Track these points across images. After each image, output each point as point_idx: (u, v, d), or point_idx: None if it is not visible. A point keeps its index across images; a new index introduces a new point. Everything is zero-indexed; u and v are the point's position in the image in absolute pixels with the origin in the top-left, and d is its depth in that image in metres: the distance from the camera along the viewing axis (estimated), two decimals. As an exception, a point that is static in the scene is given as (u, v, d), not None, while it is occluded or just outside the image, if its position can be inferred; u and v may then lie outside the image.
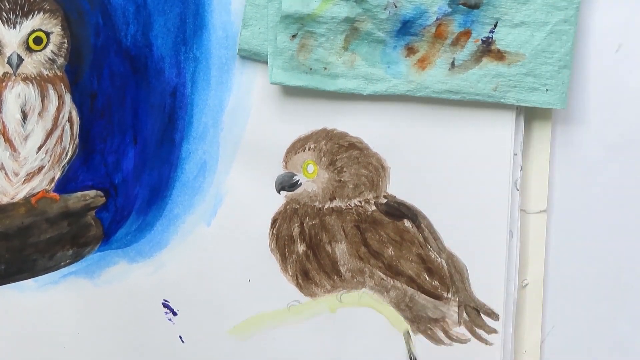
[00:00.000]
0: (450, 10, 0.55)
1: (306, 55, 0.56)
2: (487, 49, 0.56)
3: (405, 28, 0.56)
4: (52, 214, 0.60)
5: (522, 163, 0.59)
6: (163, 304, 0.61)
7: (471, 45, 0.56)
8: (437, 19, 0.55)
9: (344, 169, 0.60)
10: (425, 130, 0.59)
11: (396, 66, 0.57)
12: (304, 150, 0.59)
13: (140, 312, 0.61)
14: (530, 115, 0.59)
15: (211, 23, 0.58)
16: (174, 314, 0.61)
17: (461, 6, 0.55)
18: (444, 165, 0.59)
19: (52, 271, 0.61)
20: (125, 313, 0.61)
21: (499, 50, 0.56)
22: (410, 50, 0.56)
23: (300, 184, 0.60)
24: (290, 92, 0.58)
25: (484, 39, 0.56)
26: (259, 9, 0.57)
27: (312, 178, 0.60)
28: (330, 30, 0.55)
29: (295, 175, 0.60)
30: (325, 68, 0.56)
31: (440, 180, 0.59)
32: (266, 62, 0.57)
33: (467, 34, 0.56)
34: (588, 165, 0.60)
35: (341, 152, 0.59)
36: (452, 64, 0.56)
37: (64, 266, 0.61)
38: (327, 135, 0.59)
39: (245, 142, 0.59)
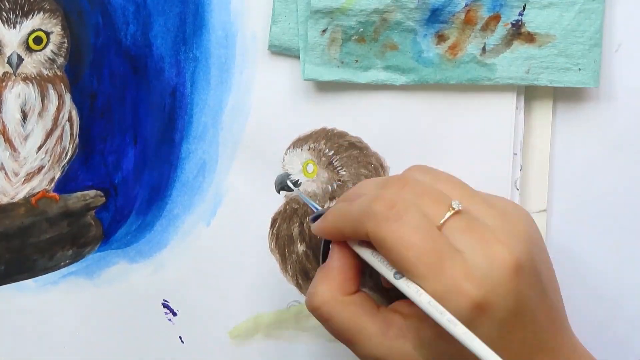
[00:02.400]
0: None
1: (337, 49, 0.56)
2: (518, 31, 0.56)
3: (435, 16, 0.56)
4: (52, 214, 0.60)
5: (522, 163, 0.59)
6: (163, 304, 0.61)
7: (501, 29, 0.56)
8: (466, 5, 0.55)
9: (344, 169, 0.59)
10: (424, 129, 0.59)
11: (427, 55, 0.56)
12: (304, 150, 0.59)
13: (140, 313, 0.61)
14: (530, 116, 0.59)
15: (211, 23, 0.58)
16: (174, 314, 0.61)
17: None
18: (443, 164, 0.58)
19: (52, 271, 0.61)
20: (124, 313, 0.61)
21: (529, 33, 0.56)
22: (441, 37, 0.56)
23: (300, 183, 0.60)
24: (289, 91, 0.58)
25: (514, 22, 0.56)
26: (287, 4, 0.57)
27: (312, 178, 0.60)
28: (360, 23, 0.55)
29: (295, 175, 0.60)
30: (357, 60, 0.56)
31: (440, 180, 0.59)
32: (294, 57, 0.57)
33: (496, 18, 0.56)
34: (588, 165, 0.60)
35: (341, 151, 0.59)
36: (484, 49, 0.56)
37: (64, 266, 0.61)
38: (327, 134, 0.59)
39: (245, 142, 0.59)
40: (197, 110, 0.59)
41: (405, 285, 0.44)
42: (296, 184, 0.60)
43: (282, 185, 0.60)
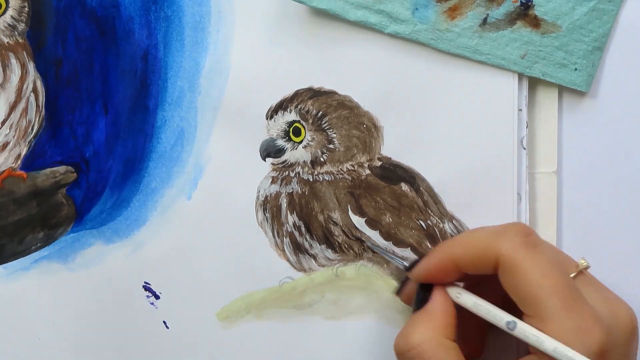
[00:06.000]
0: None
1: None
2: (524, 12, 0.54)
3: None
4: (19, 194, 0.57)
5: (527, 119, 0.55)
6: (144, 286, 0.58)
7: (508, 5, 0.54)
8: None
9: (334, 130, 0.56)
10: (420, 85, 0.55)
11: (425, 10, 0.54)
12: (290, 112, 0.56)
13: (120, 297, 0.58)
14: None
15: (182, -22, 0.56)
16: (157, 297, 0.58)
17: None
18: (441, 122, 0.56)
19: (22, 256, 0.58)
20: (103, 298, 0.58)
21: (535, 17, 0.54)
22: None
23: (287, 149, 0.56)
24: (271, 48, 0.55)
25: (524, 1, 0.54)
26: None
27: (300, 142, 0.56)
28: None
29: (281, 139, 0.56)
30: None
31: (439, 139, 0.56)
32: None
33: None
34: (602, 121, 0.57)
35: (330, 112, 0.56)
36: (485, 20, 0.54)
37: (35, 250, 0.58)
38: (314, 94, 0.56)
39: (225, 106, 0.56)
40: (172, 74, 0.56)
41: (523, 332, 0.44)
42: (282, 150, 0.56)
43: (267, 151, 0.56)
